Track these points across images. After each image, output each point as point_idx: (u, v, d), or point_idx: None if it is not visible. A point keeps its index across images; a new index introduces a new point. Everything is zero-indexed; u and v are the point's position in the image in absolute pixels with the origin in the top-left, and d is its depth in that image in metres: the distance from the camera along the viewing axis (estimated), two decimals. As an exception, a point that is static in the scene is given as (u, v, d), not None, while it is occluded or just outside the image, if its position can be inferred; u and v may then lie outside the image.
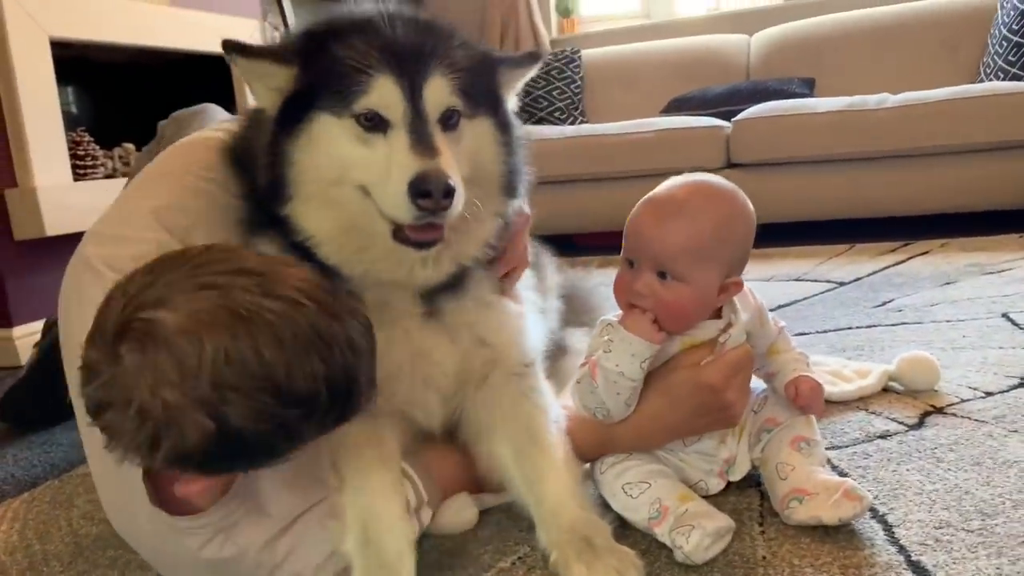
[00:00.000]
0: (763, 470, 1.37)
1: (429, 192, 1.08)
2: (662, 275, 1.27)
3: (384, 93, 1.12)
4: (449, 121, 1.18)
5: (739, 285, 1.35)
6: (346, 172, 1.15)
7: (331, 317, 0.97)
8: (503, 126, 1.27)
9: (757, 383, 1.47)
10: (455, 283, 1.29)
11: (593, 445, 1.38)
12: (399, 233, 1.15)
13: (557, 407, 1.40)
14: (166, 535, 1.14)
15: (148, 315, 0.92)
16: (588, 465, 1.40)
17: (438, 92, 1.15)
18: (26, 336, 2.89)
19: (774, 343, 1.44)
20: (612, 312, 1.39)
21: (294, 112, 1.15)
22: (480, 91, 1.22)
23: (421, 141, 1.11)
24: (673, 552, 1.20)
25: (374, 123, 1.13)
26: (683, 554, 1.17)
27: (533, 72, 1.33)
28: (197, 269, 0.96)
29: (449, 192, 1.09)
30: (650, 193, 1.34)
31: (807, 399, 1.37)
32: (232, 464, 1.01)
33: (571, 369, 1.65)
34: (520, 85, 1.34)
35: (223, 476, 1.06)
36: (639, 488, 1.29)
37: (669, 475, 1.34)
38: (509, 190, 1.29)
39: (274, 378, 0.92)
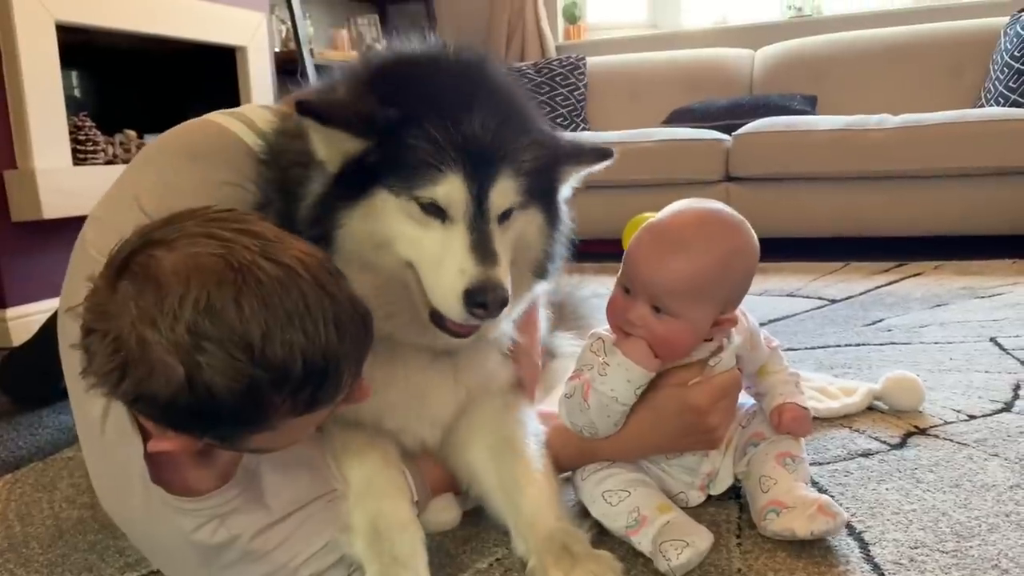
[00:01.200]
0: (746, 482, 1.38)
1: (485, 304, 1.09)
2: (657, 308, 1.27)
3: (451, 191, 1.11)
4: (505, 217, 1.17)
5: (733, 320, 1.34)
6: (396, 246, 1.15)
7: (324, 294, 0.96)
8: (552, 219, 1.26)
9: (746, 398, 1.48)
10: None
11: (574, 455, 1.38)
12: (437, 318, 1.16)
13: (536, 422, 1.41)
14: (159, 515, 1.14)
15: (151, 252, 0.94)
16: (569, 472, 1.41)
17: (502, 195, 1.15)
18: (20, 318, 2.89)
19: (765, 364, 1.44)
20: (602, 322, 1.40)
21: (355, 179, 1.13)
22: (539, 185, 1.21)
23: (482, 245, 1.11)
24: (655, 561, 1.21)
25: (434, 210, 1.13)
26: (669, 567, 1.18)
27: (599, 168, 1.31)
28: (210, 222, 0.98)
29: (504, 304, 1.10)
30: (654, 219, 1.32)
31: (789, 428, 1.37)
32: (196, 422, 0.98)
33: (558, 371, 1.67)
34: (580, 177, 1.32)
35: (187, 436, 1.02)
36: (618, 496, 1.30)
37: (649, 484, 1.34)
38: (541, 273, 1.29)
39: (249, 336, 0.91)
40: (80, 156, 3.12)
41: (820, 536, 1.22)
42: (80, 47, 3.31)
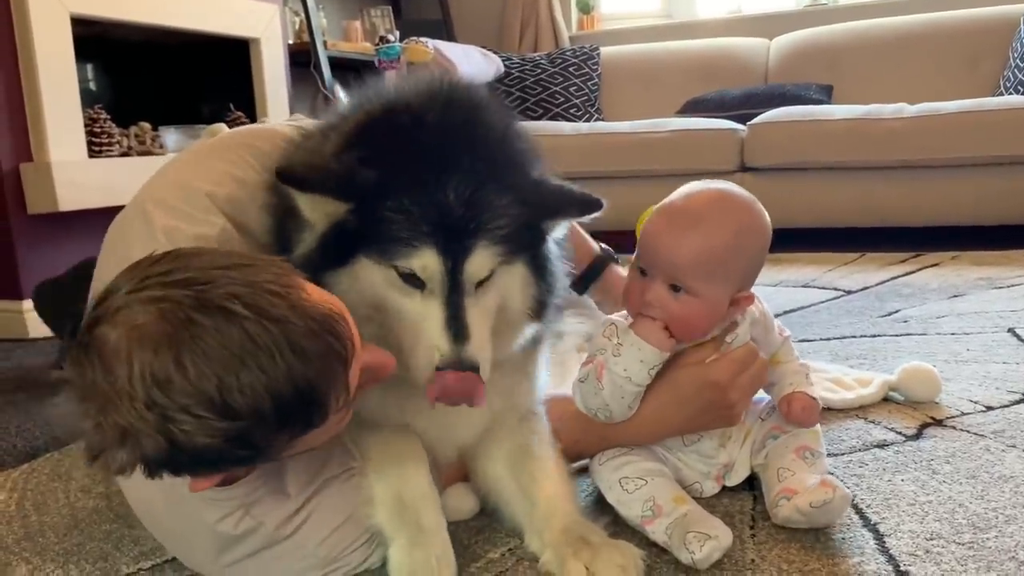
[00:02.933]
0: (763, 473, 1.37)
1: None
2: (674, 288, 1.26)
3: (425, 265, 1.10)
4: (485, 280, 1.15)
5: (750, 299, 1.34)
6: (382, 307, 1.15)
7: (270, 321, 0.92)
8: (539, 270, 1.22)
9: (763, 393, 1.47)
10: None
11: (595, 440, 1.38)
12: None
13: (550, 434, 1.39)
14: (181, 504, 1.15)
15: (99, 331, 0.91)
16: (587, 460, 1.40)
17: (478, 266, 1.13)
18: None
19: (776, 353, 1.43)
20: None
21: (339, 244, 1.13)
22: (521, 241, 1.17)
23: (456, 320, 1.11)
24: (675, 552, 1.19)
25: (412, 278, 1.12)
26: (692, 559, 1.16)
27: (587, 219, 1.26)
28: (147, 280, 0.93)
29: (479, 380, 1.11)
30: (666, 200, 1.32)
31: (798, 418, 1.36)
32: (203, 470, 0.98)
33: (565, 351, 1.69)
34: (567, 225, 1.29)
35: (213, 474, 1.03)
36: (635, 483, 1.29)
37: (666, 475, 1.34)
38: (538, 316, 1.25)
39: (206, 393, 0.89)
40: (95, 149, 3.13)
41: (820, 508, 1.21)
42: (94, 40, 3.33)
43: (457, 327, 1.11)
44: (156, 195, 1.29)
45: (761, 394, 1.46)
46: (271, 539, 1.17)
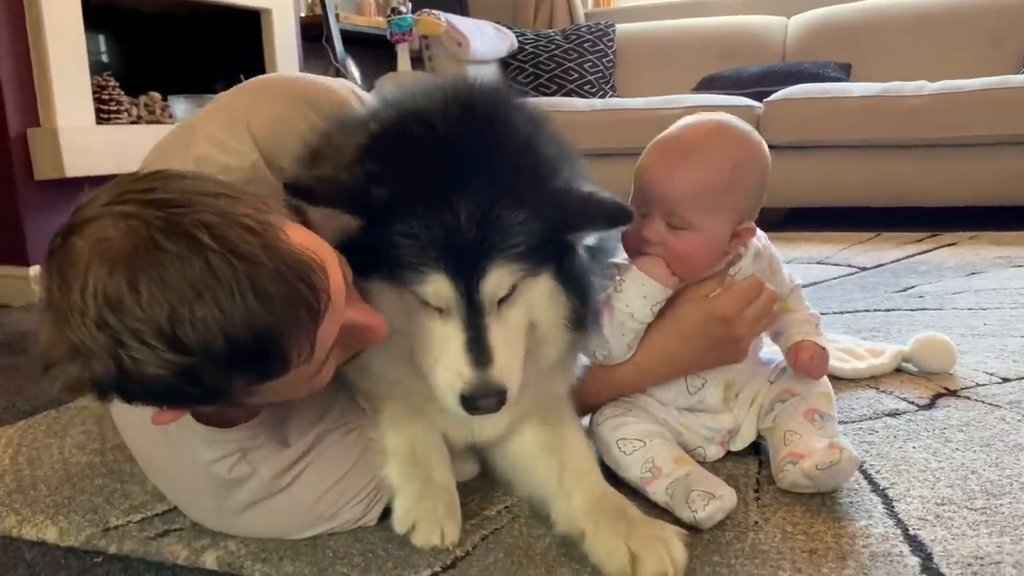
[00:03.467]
0: (770, 437, 1.32)
1: (480, 408, 1.06)
2: (672, 223, 1.23)
3: (438, 290, 1.05)
4: (507, 297, 1.09)
5: (752, 231, 1.31)
6: (402, 326, 1.10)
7: (236, 258, 0.86)
8: (568, 280, 1.13)
9: (774, 355, 1.43)
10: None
11: (602, 388, 1.34)
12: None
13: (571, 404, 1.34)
14: (180, 442, 1.12)
15: (69, 240, 0.87)
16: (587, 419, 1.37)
17: (495, 286, 1.06)
18: (42, 276, 2.90)
19: (785, 301, 1.38)
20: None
21: (354, 260, 1.06)
22: (546, 252, 1.09)
23: (477, 343, 1.05)
24: (676, 511, 1.16)
25: (429, 303, 1.07)
26: (695, 518, 1.13)
27: (615, 232, 1.20)
28: (127, 195, 0.89)
29: (501, 403, 1.06)
30: (661, 135, 1.29)
31: (805, 367, 1.32)
32: (157, 400, 0.93)
33: None
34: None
35: (174, 408, 0.98)
36: (632, 445, 1.26)
37: (665, 437, 1.30)
38: (576, 326, 1.16)
39: (156, 321, 0.84)
40: (104, 116, 3.11)
41: (828, 472, 1.17)
42: (107, 9, 3.31)
43: (479, 350, 1.05)
44: (204, 126, 1.27)
45: (771, 355, 1.42)
46: (267, 489, 1.14)
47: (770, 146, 1.36)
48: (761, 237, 1.37)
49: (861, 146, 3.69)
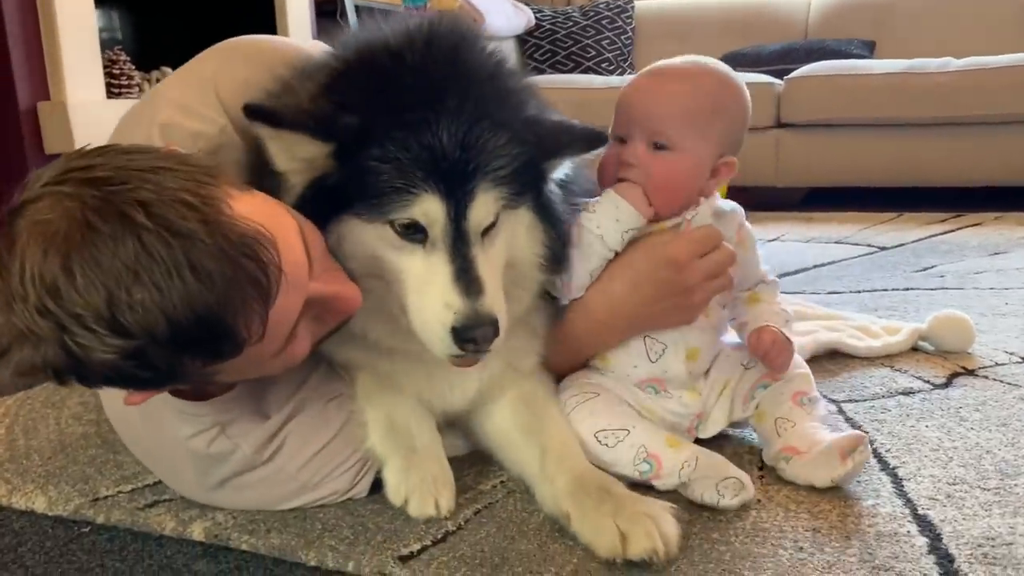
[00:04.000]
0: (759, 424, 1.25)
1: (475, 340, 1.00)
2: (655, 146, 1.20)
3: (428, 211, 1.01)
4: (490, 229, 1.07)
5: (731, 166, 1.26)
6: (377, 270, 1.06)
7: (172, 236, 0.82)
8: (543, 212, 1.13)
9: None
10: None
11: (554, 350, 1.28)
12: None
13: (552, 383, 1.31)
14: (159, 418, 1.10)
15: (13, 222, 0.84)
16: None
17: (483, 211, 1.04)
18: (53, 251, 2.90)
19: (756, 291, 1.32)
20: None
21: (320, 206, 1.04)
22: (524, 182, 1.09)
23: (466, 272, 1.01)
24: (699, 494, 1.11)
25: (412, 230, 1.03)
26: (717, 502, 1.09)
27: (592, 155, 1.18)
28: (69, 172, 0.86)
29: (495, 336, 1.01)
30: (646, 68, 1.30)
31: (766, 348, 1.23)
32: (115, 385, 0.91)
33: None
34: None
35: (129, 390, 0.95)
36: (616, 436, 1.18)
37: (646, 418, 1.23)
38: (551, 268, 1.16)
39: (94, 305, 0.81)
40: (114, 90, 3.10)
41: (840, 483, 1.13)
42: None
43: (468, 279, 1.01)
44: (169, 91, 1.24)
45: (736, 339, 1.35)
46: (250, 462, 1.12)
47: (790, 124, 1.34)
48: (736, 208, 1.32)
49: (884, 124, 3.60)
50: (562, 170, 1.16)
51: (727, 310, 1.32)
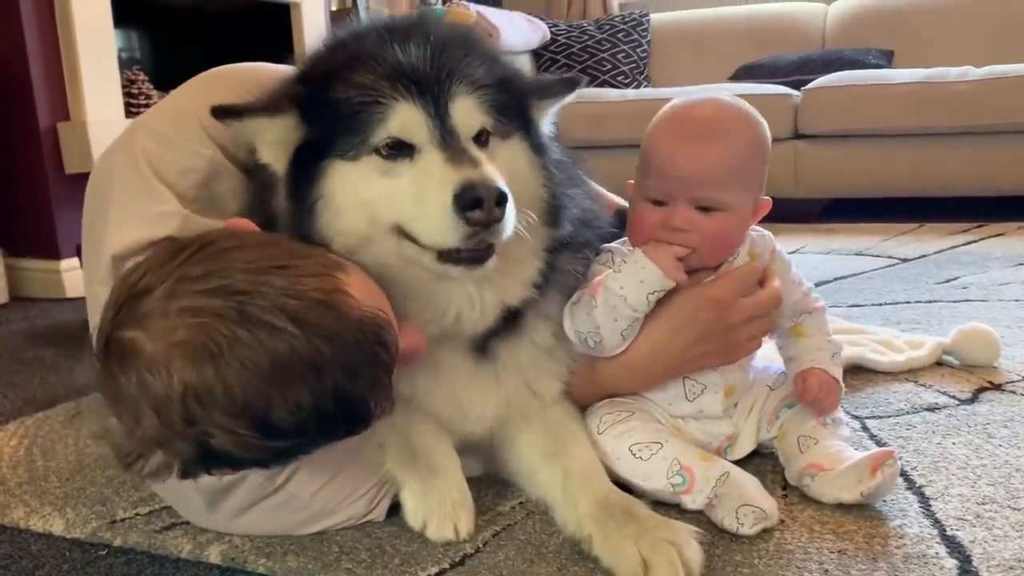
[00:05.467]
0: (780, 444, 1.24)
1: (480, 201, 0.96)
2: (701, 207, 1.17)
3: (405, 118, 1.02)
4: (479, 140, 1.06)
5: (768, 205, 1.25)
6: (374, 214, 1.05)
7: (317, 336, 0.86)
8: (538, 148, 1.14)
9: (771, 362, 1.35)
10: (509, 328, 1.19)
11: (590, 391, 1.27)
12: (444, 256, 1.02)
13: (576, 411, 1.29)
14: None
15: (129, 334, 0.86)
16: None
17: (467, 111, 1.04)
18: (74, 269, 2.91)
19: (800, 324, 1.30)
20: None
21: (304, 167, 1.06)
22: (510, 109, 1.10)
23: (458, 154, 1.00)
24: (721, 518, 1.09)
25: (397, 151, 1.03)
26: (736, 529, 1.07)
27: (570, 99, 1.19)
28: (182, 284, 0.87)
29: (502, 199, 0.98)
30: (665, 117, 1.22)
31: (814, 395, 1.21)
32: (239, 468, 0.95)
33: None
34: (555, 112, 1.21)
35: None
36: (650, 449, 1.17)
37: (677, 436, 1.22)
38: (552, 221, 1.16)
39: (251, 411, 0.85)
40: (133, 110, 3.12)
41: (870, 499, 1.10)
42: (139, 5, 3.32)
43: (462, 158, 0.99)
44: (149, 121, 1.24)
45: (768, 362, 1.34)
46: (261, 491, 1.10)
47: (808, 136, 1.31)
48: (764, 233, 1.30)
49: (904, 134, 3.57)
50: (548, 118, 1.19)
51: (773, 336, 1.31)
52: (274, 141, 1.07)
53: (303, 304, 0.87)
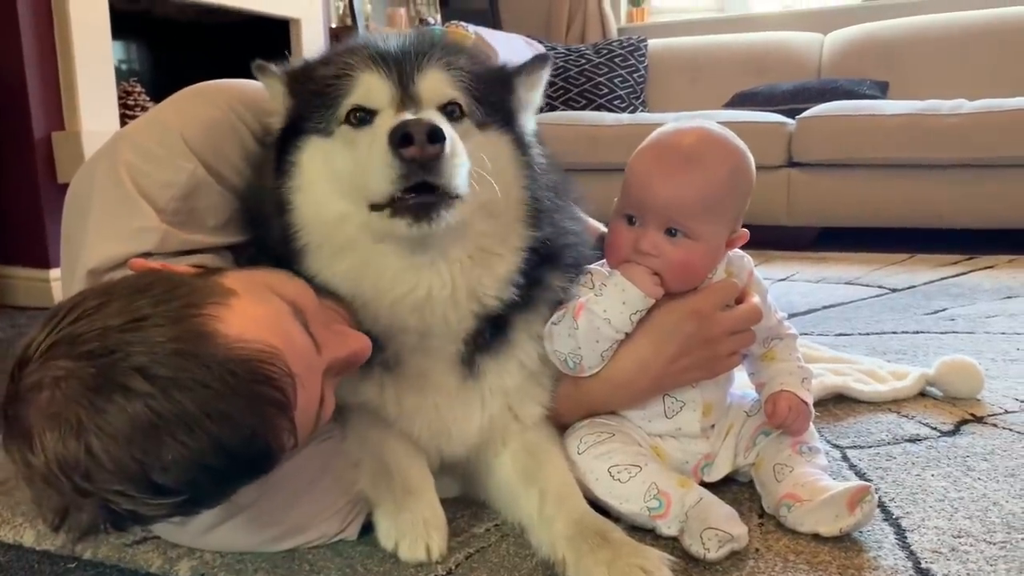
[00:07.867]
0: (757, 472, 1.24)
1: (410, 137, 0.96)
2: (670, 232, 1.17)
3: (369, 84, 1.07)
4: (449, 110, 1.08)
5: (744, 236, 1.25)
6: (345, 187, 1.07)
7: (178, 392, 0.82)
8: (519, 144, 1.16)
9: (749, 390, 1.35)
10: (497, 343, 1.19)
11: (571, 406, 1.26)
12: (395, 209, 1.02)
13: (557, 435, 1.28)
14: None
15: (16, 409, 0.84)
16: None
17: (435, 81, 1.07)
18: (63, 279, 2.91)
19: (772, 350, 1.30)
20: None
21: (287, 144, 1.13)
22: (491, 101, 1.13)
23: (409, 109, 1.04)
24: (688, 543, 1.08)
25: (363, 119, 1.07)
26: (705, 556, 1.05)
27: (545, 75, 1.22)
28: (57, 346, 0.84)
29: (435, 136, 0.96)
30: (649, 142, 1.23)
31: (783, 417, 1.21)
32: (165, 519, 0.94)
33: None
34: (537, 99, 1.23)
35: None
36: (628, 472, 1.16)
37: (658, 460, 1.22)
38: (531, 222, 1.16)
39: (129, 475, 0.82)
40: (129, 121, 3.12)
41: (848, 532, 1.10)
42: (137, 17, 3.33)
43: (408, 110, 1.03)
44: (131, 133, 1.24)
45: (746, 390, 1.35)
46: (233, 508, 1.08)
47: (802, 164, 1.31)
48: (743, 256, 1.30)
49: (896, 165, 3.59)
50: (529, 115, 1.21)
51: (743, 363, 1.31)
52: (276, 111, 1.16)
53: (156, 358, 0.82)
